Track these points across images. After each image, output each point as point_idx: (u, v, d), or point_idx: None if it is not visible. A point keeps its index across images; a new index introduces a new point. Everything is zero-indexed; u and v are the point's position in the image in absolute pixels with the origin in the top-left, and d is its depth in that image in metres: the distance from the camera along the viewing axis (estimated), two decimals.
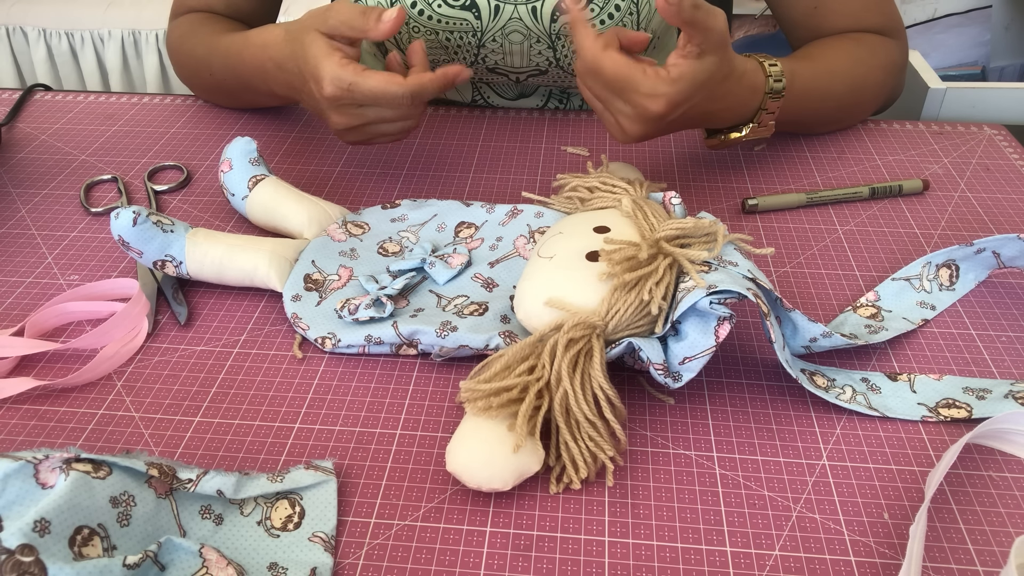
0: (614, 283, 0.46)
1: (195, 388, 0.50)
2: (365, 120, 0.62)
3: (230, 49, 0.71)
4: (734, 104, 0.63)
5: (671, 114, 0.57)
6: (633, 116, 0.58)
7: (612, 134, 0.61)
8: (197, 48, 0.76)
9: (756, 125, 0.65)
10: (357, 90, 0.59)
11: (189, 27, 0.78)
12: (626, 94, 0.57)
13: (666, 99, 0.56)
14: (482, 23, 0.73)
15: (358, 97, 0.60)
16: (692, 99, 0.57)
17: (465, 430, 0.43)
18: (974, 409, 0.47)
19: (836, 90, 0.71)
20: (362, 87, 0.59)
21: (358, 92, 0.59)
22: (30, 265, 0.60)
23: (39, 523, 0.35)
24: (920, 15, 1.67)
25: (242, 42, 0.70)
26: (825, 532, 0.41)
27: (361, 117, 0.62)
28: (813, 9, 0.74)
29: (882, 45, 0.73)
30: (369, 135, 0.64)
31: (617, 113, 0.59)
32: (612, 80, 0.56)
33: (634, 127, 0.58)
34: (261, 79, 0.68)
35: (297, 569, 0.39)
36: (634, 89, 0.56)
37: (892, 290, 0.56)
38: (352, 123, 0.62)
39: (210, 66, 0.75)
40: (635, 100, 0.56)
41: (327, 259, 0.57)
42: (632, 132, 0.59)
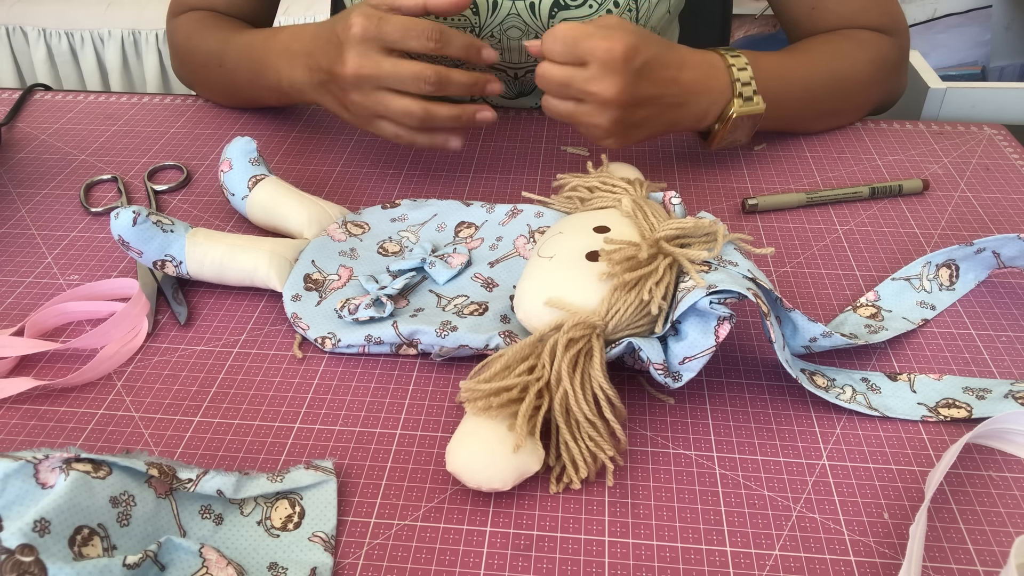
0: (614, 283, 0.46)
1: (195, 388, 0.50)
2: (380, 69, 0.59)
3: (253, 40, 0.71)
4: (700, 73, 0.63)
5: (631, 57, 0.57)
6: (599, 72, 0.57)
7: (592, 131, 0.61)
8: (208, 41, 0.76)
9: (740, 100, 0.64)
10: (387, 22, 0.58)
11: (198, 23, 0.78)
12: (582, 47, 0.57)
13: (620, 36, 0.56)
14: (480, 19, 0.73)
15: (386, 28, 0.58)
16: (645, 46, 0.58)
17: (465, 430, 0.43)
18: (974, 409, 0.47)
19: (816, 77, 0.71)
20: (392, 18, 0.58)
21: (387, 24, 0.58)
22: (30, 265, 0.60)
23: (39, 523, 0.35)
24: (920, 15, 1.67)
25: (272, 31, 0.70)
26: (825, 532, 0.41)
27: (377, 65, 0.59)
28: (811, 9, 0.75)
29: (872, 40, 0.73)
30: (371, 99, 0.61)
31: (584, 84, 0.58)
32: (564, 38, 0.57)
33: (605, 85, 0.57)
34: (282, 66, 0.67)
35: (297, 569, 0.39)
36: (587, 36, 0.56)
37: (892, 290, 0.56)
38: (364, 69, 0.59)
39: (222, 59, 0.75)
40: (592, 47, 0.57)
41: (327, 259, 0.57)
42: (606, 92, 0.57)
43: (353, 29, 0.59)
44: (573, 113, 0.60)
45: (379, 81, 0.60)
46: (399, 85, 0.60)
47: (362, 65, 0.60)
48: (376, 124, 0.63)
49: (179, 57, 0.81)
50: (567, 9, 0.72)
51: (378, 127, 0.63)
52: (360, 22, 0.59)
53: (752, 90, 0.64)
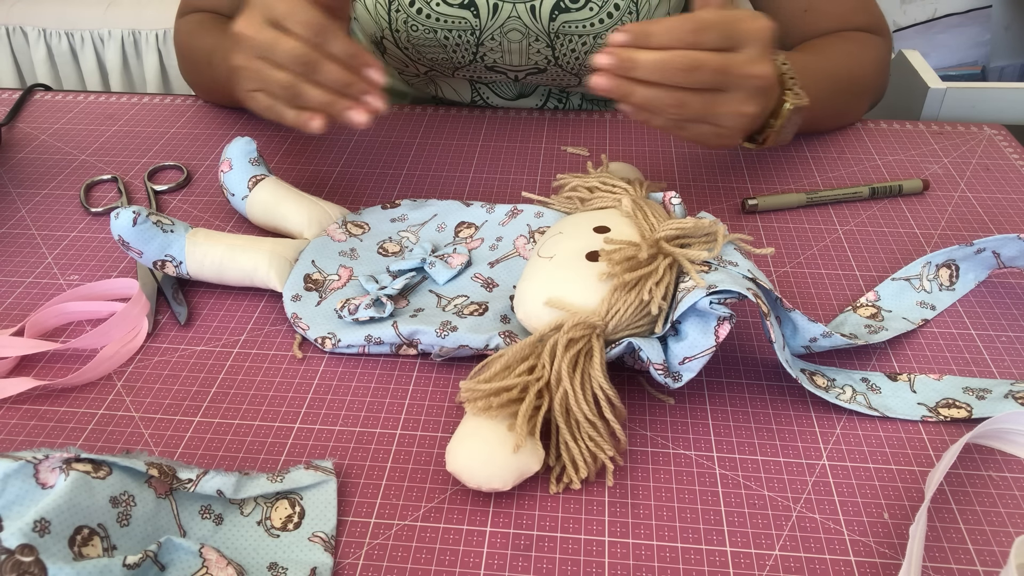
0: (614, 283, 0.46)
1: (195, 388, 0.50)
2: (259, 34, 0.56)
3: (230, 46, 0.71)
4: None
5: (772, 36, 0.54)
6: (757, 53, 0.53)
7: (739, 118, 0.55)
8: (205, 41, 0.76)
9: (792, 92, 0.62)
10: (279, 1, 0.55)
11: (198, 24, 0.78)
12: (739, 28, 0.53)
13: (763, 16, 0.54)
14: (480, 21, 0.73)
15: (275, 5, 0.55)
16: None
17: (465, 430, 0.43)
18: (974, 409, 0.47)
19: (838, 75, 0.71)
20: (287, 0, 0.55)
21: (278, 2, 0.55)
22: (30, 265, 0.60)
23: (39, 523, 0.35)
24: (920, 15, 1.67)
25: None
26: (825, 532, 0.41)
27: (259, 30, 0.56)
28: (803, 12, 0.75)
29: (871, 41, 0.74)
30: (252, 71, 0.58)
31: (743, 66, 0.53)
32: (719, 25, 0.52)
33: (764, 67, 0.54)
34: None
35: (297, 569, 0.39)
36: (739, 18, 0.53)
37: (892, 290, 0.56)
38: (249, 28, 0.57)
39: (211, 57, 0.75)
40: (749, 29, 0.53)
41: (327, 259, 0.57)
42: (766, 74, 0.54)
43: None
44: (717, 104, 0.55)
45: (256, 48, 0.57)
46: (271, 55, 0.57)
47: (246, 26, 0.57)
48: (253, 96, 0.60)
49: (180, 58, 0.81)
50: (567, 12, 0.72)
51: (254, 99, 0.60)
52: None
53: (797, 84, 0.63)
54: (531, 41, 0.75)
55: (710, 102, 0.54)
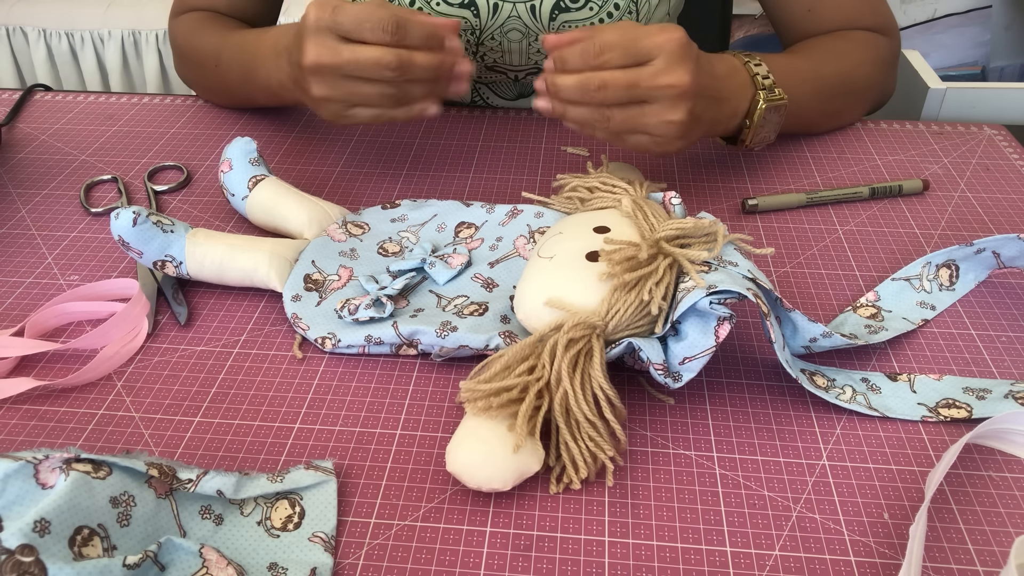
0: (614, 283, 0.46)
1: (195, 388, 0.50)
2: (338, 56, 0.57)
3: (246, 38, 0.71)
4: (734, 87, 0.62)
5: (691, 45, 0.55)
6: (668, 63, 0.54)
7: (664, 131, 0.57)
8: (207, 41, 0.76)
9: (765, 92, 0.63)
10: (341, 11, 0.56)
11: (198, 23, 0.78)
12: (642, 45, 0.54)
13: (672, 26, 0.55)
14: (481, 21, 0.73)
15: (341, 18, 0.57)
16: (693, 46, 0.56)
17: (465, 430, 0.43)
18: (974, 409, 0.47)
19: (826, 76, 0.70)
20: (347, 7, 0.56)
21: (342, 13, 0.56)
22: (30, 265, 0.60)
23: (39, 523, 0.35)
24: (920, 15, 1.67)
25: (263, 31, 0.70)
26: (825, 532, 0.41)
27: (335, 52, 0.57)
28: (807, 12, 0.75)
29: (870, 40, 0.73)
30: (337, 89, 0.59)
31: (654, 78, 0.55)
32: (619, 44, 0.54)
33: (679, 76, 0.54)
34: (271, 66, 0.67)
35: (297, 569, 0.39)
36: (644, 35, 0.54)
37: (892, 290, 0.56)
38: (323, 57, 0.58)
39: (218, 58, 0.74)
40: (655, 43, 0.54)
41: (327, 259, 0.57)
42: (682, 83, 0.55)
43: (308, 19, 0.58)
44: (641, 116, 0.57)
45: (339, 69, 0.58)
46: (359, 72, 0.58)
47: (320, 54, 0.58)
48: (350, 113, 0.61)
49: (178, 57, 0.81)
50: (568, 11, 0.72)
51: (353, 115, 0.61)
52: (314, 11, 0.58)
53: (772, 83, 0.64)
54: (531, 41, 0.75)
55: (635, 115, 0.57)
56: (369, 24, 0.57)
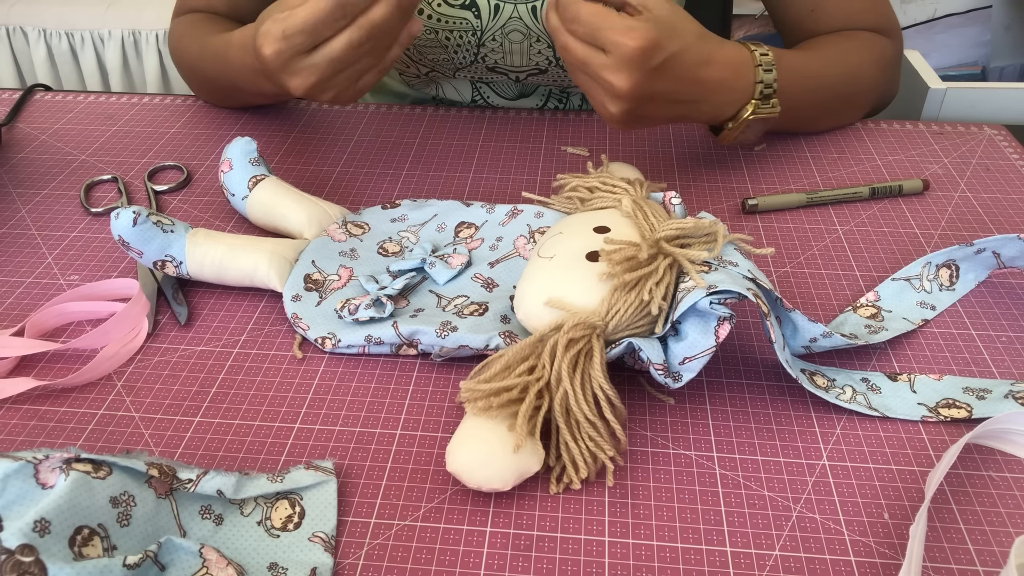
0: (614, 283, 0.46)
1: (195, 388, 0.50)
2: (319, 70, 0.59)
3: (217, 49, 0.71)
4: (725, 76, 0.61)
5: (650, 55, 0.55)
6: (614, 63, 0.56)
7: (604, 108, 0.59)
8: (192, 47, 0.76)
9: (759, 102, 0.63)
10: (290, 31, 0.57)
11: (187, 27, 0.78)
12: (603, 35, 0.55)
13: (641, 32, 0.55)
14: (482, 22, 0.73)
15: (296, 40, 0.57)
16: (668, 43, 0.56)
17: (465, 430, 0.43)
18: (974, 409, 0.47)
19: (830, 75, 0.70)
20: (293, 24, 0.57)
21: (292, 33, 0.57)
22: (30, 265, 0.60)
23: (39, 523, 0.35)
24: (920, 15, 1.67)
25: (226, 42, 0.69)
26: (825, 532, 0.41)
27: (313, 68, 0.59)
28: (810, 11, 0.75)
29: (874, 40, 0.73)
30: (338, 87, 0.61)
31: (600, 70, 0.57)
32: (588, 22, 0.55)
33: (619, 77, 0.56)
34: (247, 75, 0.67)
35: (297, 569, 0.39)
36: (610, 27, 0.55)
37: (892, 290, 0.56)
38: (309, 79, 0.59)
39: (202, 65, 0.75)
40: (612, 39, 0.55)
41: (327, 259, 0.57)
42: (619, 84, 0.56)
43: (268, 59, 0.58)
44: (586, 88, 0.59)
45: (327, 78, 0.59)
46: (344, 67, 0.59)
47: (303, 80, 0.59)
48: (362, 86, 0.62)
49: (175, 61, 0.81)
50: None
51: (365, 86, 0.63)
52: (268, 47, 0.58)
53: (771, 91, 0.63)
54: (532, 42, 0.75)
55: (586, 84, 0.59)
56: (320, 24, 0.57)
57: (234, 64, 0.68)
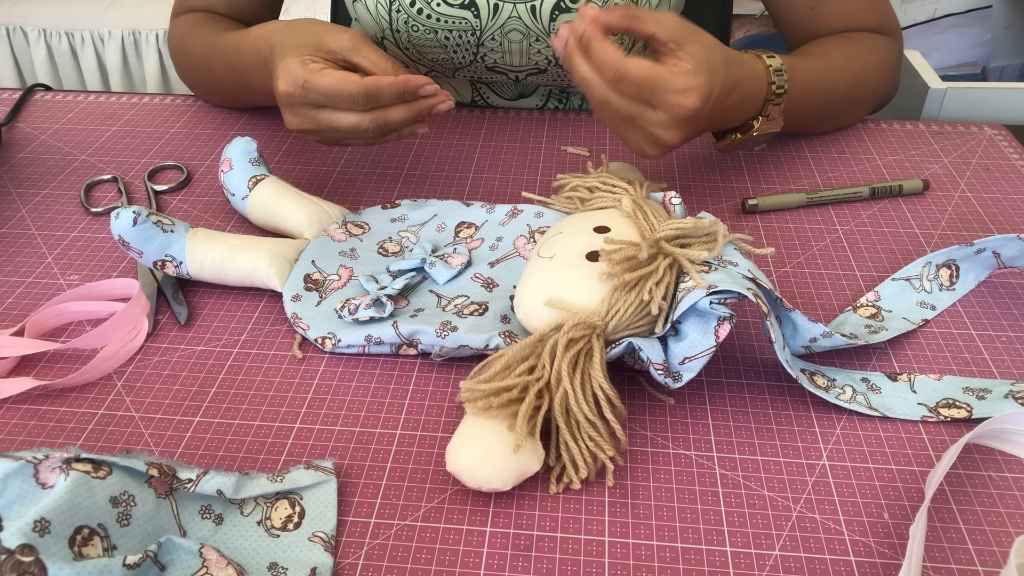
0: (614, 283, 0.46)
1: (195, 388, 0.50)
2: (317, 125, 0.61)
3: (230, 44, 0.71)
4: (744, 96, 0.61)
5: (704, 108, 0.55)
6: (668, 121, 0.55)
7: (642, 151, 0.58)
8: (198, 46, 0.76)
9: (764, 118, 0.63)
10: (311, 88, 0.58)
11: (191, 26, 0.78)
12: (658, 96, 0.54)
13: (698, 92, 0.54)
14: (481, 22, 0.73)
15: (312, 95, 0.58)
16: (715, 89, 0.55)
17: (465, 430, 0.43)
18: (974, 409, 0.47)
19: (837, 85, 0.71)
20: (317, 84, 0.58)
21: (312, 90, 0.58)
22: (30, 265, 0.60)
23: (39, 523, 0.35)
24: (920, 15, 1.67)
25: (243, 36, 0.70)
26: (825, 532, 0.41)
27: (313, 121, 0.60)
28: (810, 10, 0.75)
29: (879, 43, 0.73)
30: (325, 139, 0.63)
31: (650, 126, 0.56)
32: (641, 84, 0.54)
33: (670, 134, 0.56)
34: (257, 73, 0.67)
35: (297, 569, 0.39)
36: (665, 88, 0.54)
37: (892, 290, 0.56)
38: (304, 125, 0.61)
39: (210, 63, 0.75)
40: (669, 101, 0.54)
41: (327, 259, 0.57)
42: (669, 139, 0.56)
43: (279, 90, 0.59)
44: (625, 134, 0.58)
45: (320, 131, 0.61)
46: (340, 137, 0.61)
47: (300, 123, 0.61)
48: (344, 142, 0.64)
49: (176, 60, 0.81)
50: (568, 12, 0.72)
51: (347, 143, 0.64)
52: (284, 87, 0.59)
53: (783, 91, 0.63)
54: (532, 41, 0.75)
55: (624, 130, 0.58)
56: (340, 98, 0.58)
57: (247, 56, 0.68)
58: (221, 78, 0.74)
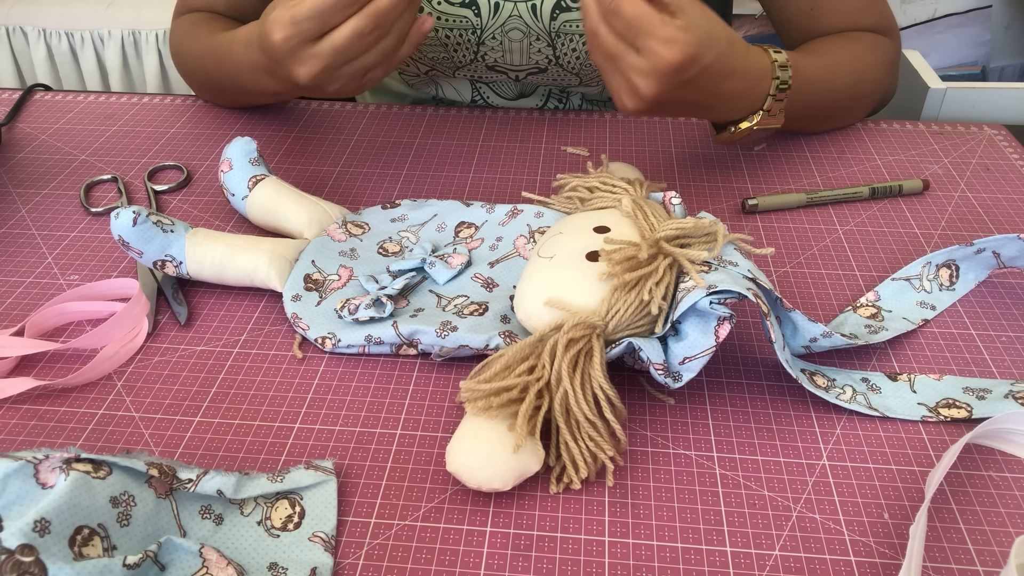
0: (614, 283, 0.46)
1: (195, 388, 0.50)
2: (325, 60, 0.59)
3: (220, 46, 0.71)
4: (745, 88, 0.61)
5: (686, 69, 0.54)
6: (647, 70, 0.55)
7: (621, 101, 0.58)
8: (193, 47, 0.76)
9: (766, 113, 0.63)
10: (301, 17, 0.57)
11: (189, 26, 0.78)
12: (642, 39, 0.54)
13: (682, 47, 0.53)
14: (482, 20, 0.73)
15: (305, 26, 0.57)
16: (705, 56, 0.55)
17: (465, 430, 0.43)
18: (974, 409, 0.47)
19: (839, 83, 0.71)
20: (304, 9, 0.57)
21: (303, 18, 0.57)
22: (30, 265, 0.60)
23: (39, 523, 0.35)
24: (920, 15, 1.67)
25: (230, 39, 0.69)
26: (825, 532, 0.41)
27: (320, 58, 0.59)
28: (809, 10, 0.75)
29: (879, 42, 0.73)
30: (341, 77, 0.61)
31: (629, 70, 0.55)
32: (630, 21, 0.53)
33: (647, 83, 0.55)
34: (250, 73, 0.67)
35: (297, 569, 0.39)
36: (651, 33, 0.53)
37: (892, 290, 0.56)
38: (315, 68, 0.59)
39: (204, 63, 0.75)
40: (651, 47, 0.54)
41: (327, 259, 0.57)
42: (645, 90, 0.55)
43: (276, 45, 0.59)
44: (607, 74, 0.58)
45: (333, 67, 0.60)
46: (348, 56, 0.59)
47: (309, 69, 0.59)
48: (368, 80, 0.63)
49: (175, 59, 0.81)
50: (569, 11, 0.72)
51: (371, 80, 0.63)
52: (276, 35, 0.58)
53: (787, 87, 0.63)
54: (532, 40, 0.75)
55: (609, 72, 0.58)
56: (330, 10, 0.57)
57: (238, 60, 0.68)
58: (215, 78, 0.74)
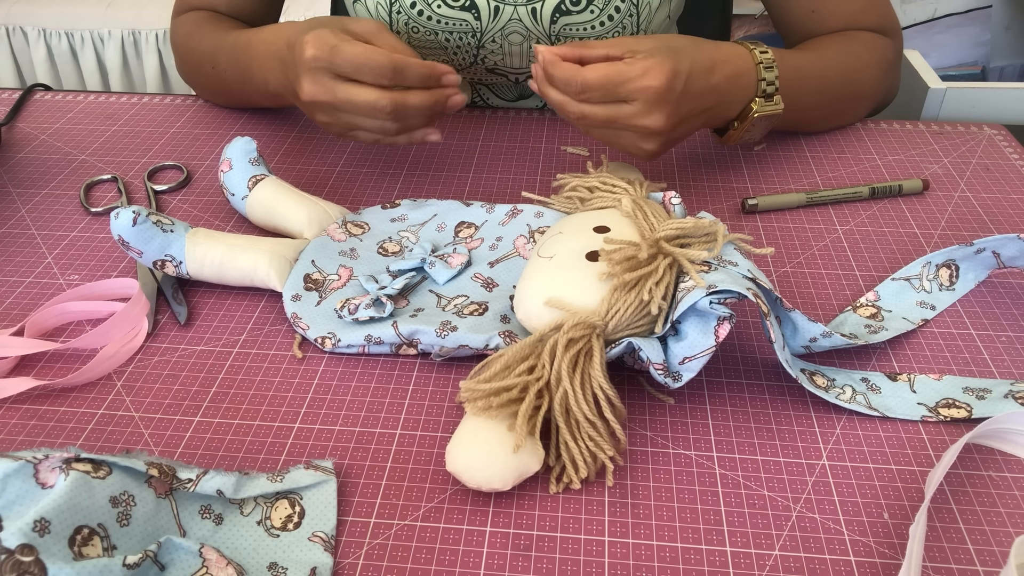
0: (614, 283, 0.46)
1: (195, 388, 0.50)
2: (334, 97, 0.60)
3: (238, 41, 0.71)
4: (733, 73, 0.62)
5: (674, 85, 0.56)
6: (645, 107, 0.57)
7: (639, 150, 0.60)
8: (203, 42, 0.76)
9: (763, 100, 0.64)
10: (340, 53, 0.58)
11: (195, 24, 0.78)
12: (622, 89, 0.56)
13: (659, 68, 0.56)
14: (481, 24, 0.73)
15: (338, 62, 0.58)
16: (681, 65, 0.57)
17: (465, 430, 0.43)
18: (974, 409, 0.47)
19: (830, 73, 0.70)
20: (346, 50, 0.58)
21: (340, 55, 0.58)
22: (30, 265, 0.60)
23: (39, 523, 0.35)
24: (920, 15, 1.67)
25: (252, 33, 0.70)
26: (825, 532, 0.41)
27: (331, 92, 0.59)
28: (810, 12, 0.75)
29: (876, 41, 0.73)
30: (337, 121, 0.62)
31: (629, 120, 0.58)
32: (604, 84, 0.56)
33: (652, 119, 0.57)
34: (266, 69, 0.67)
35: (297, 569, 0.39)
36: (626, 79, 0.56)
37: (892, 290, 0.56)
38: (320, 96, 0.60)
39: (215, 59, 0.75)
40: (635, 88, 0.56)
41: (327, 259, 0.57)
42: (654, 125, 0.57)
43: (305, 54, 0.59)
44: (612, 139, 0.61)
45: (333, 107, 0.61)
46: (355, 112, 0.60)
47: (316, 93, 0.60)
48: (352, 134, 0.64)
49: (178, 58, 0.81)
50: (569, 14, 0.72)
51: (355, 136, 0.64)
52: (311, 49, 0.59)
53: (774, 89, 0.64)
54: (532, 43, 0.75)
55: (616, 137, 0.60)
56: (367, 68, 0.58)
57: (256, 50, 0.68)
58: (224, 73, 0.74)
